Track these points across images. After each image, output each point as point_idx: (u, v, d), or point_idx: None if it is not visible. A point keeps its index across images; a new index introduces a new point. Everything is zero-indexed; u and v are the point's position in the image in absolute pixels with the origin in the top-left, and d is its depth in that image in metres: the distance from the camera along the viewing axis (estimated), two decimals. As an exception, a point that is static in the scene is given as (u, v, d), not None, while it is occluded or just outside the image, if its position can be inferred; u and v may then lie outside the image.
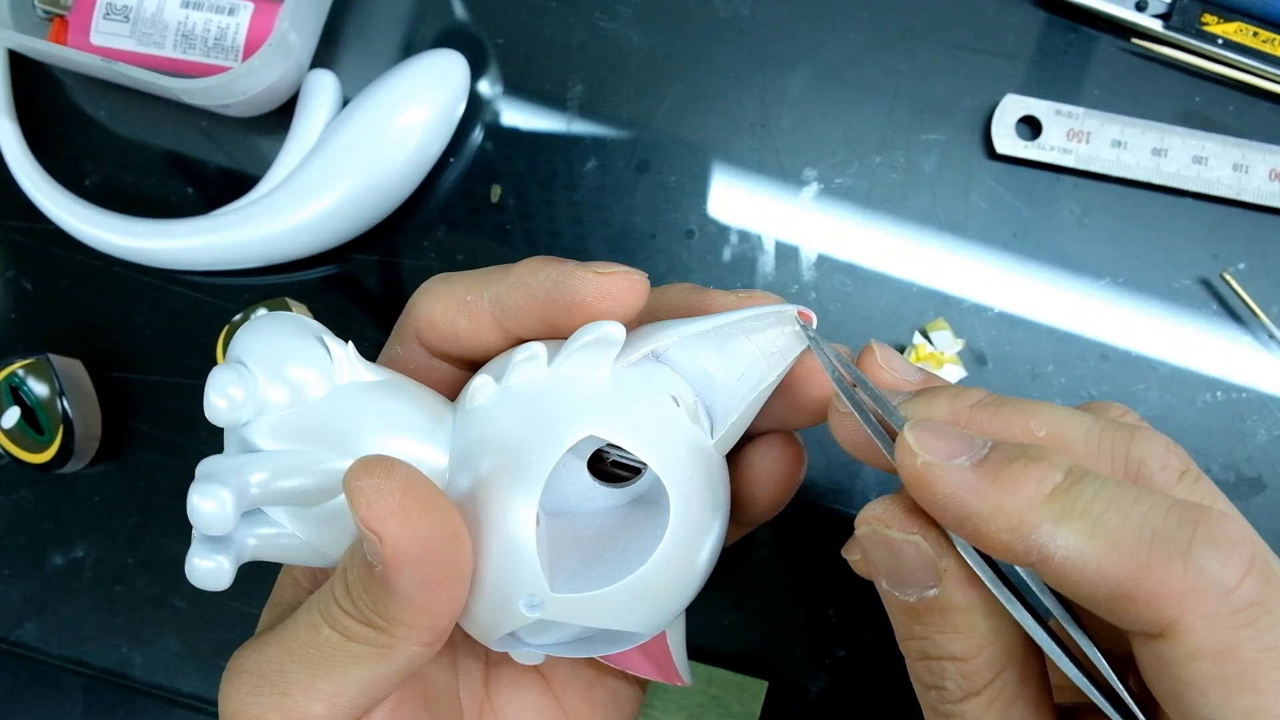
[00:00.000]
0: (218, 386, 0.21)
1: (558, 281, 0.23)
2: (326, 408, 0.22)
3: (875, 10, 0.38)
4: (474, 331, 0.24)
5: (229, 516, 0.20)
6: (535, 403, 0.22)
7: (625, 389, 0.22)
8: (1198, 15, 0.36)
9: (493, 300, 0.24)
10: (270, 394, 0.21)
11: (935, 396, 0.22)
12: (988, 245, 0.37)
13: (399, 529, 0.19)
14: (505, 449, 0.22)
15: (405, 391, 0.23)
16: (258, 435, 0.21)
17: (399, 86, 0.36)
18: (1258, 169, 0.36)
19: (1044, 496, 0.19)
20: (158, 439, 0.39)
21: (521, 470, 0.21)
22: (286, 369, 0.22)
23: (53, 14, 0.38)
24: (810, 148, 0.38)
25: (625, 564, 0.22)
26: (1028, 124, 0.37)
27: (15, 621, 0.39)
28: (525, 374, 0.22)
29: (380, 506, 0.19)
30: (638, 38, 0.39)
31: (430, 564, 0.20)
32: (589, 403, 0.22)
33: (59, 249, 0.39)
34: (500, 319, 0.24)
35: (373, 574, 0.20)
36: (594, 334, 0.22)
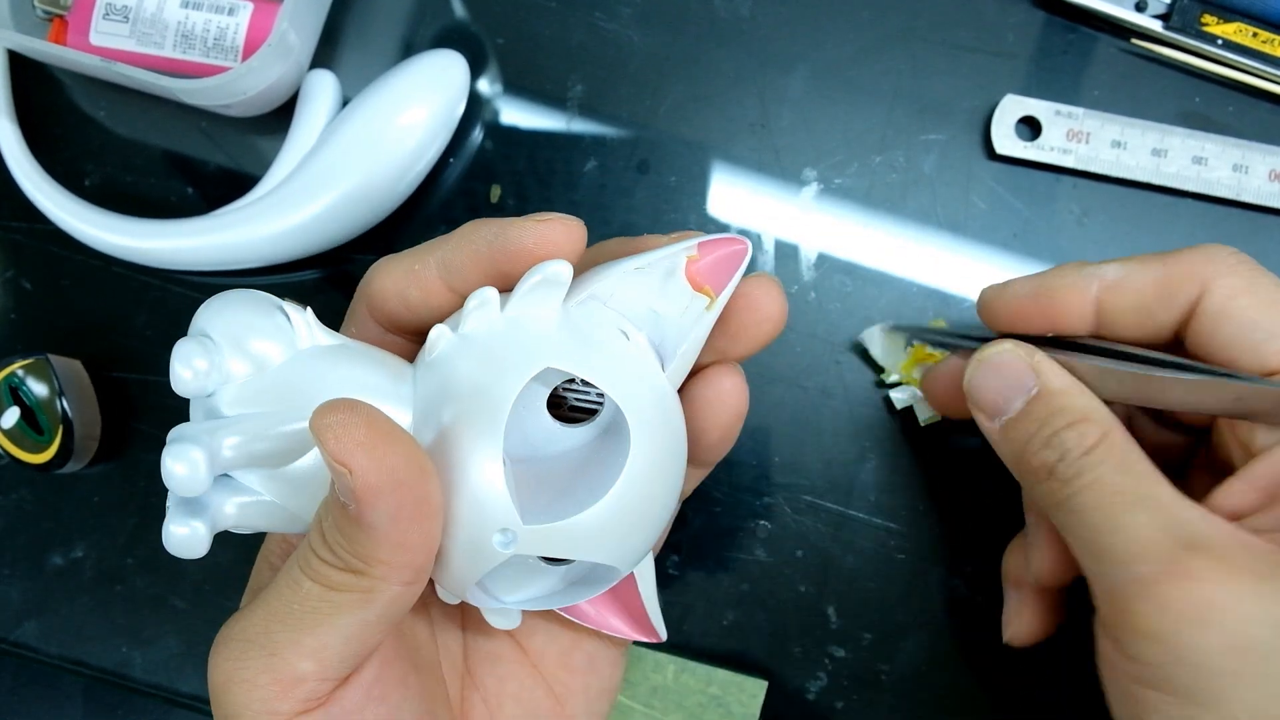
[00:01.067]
0: (183, 358, 0.21)
1: (499, 234, 0.24)
2: (289, 372, 0.22)
3: (875, 10, 0.38)
4: (424, 297, 0.25)
5: (202, 478, 0.20)
6: (491, 345, 0.23)
7: (576, 326, 0.23)
8: (1197, 16, 0.36)
9: (439, 264, 0.24)
10: (234, 364, 0.22)
11: None
12: (988, 245, 0.37)
13: (366, 458, 0.20)
14: (466, 394, 0.22)
15: (364, 353, 0.24)
16: (224, 404, 0.22)
17: (399, 86, 0.36)
18: (1258, 169, 0.36)
19: (1081, 266, 0.28)
20: (157, 439, 0.39)
21: (484, 411, 0.22)
22: (248, 338, 0.22)
23: (52, 14, 0.38)
24: (810, 148, 0.38)
25: (593, 495, 0.23)
26: (1027, 124, 0.37)
27: (15, 621, 0.39)
28: (479, 320, 0.23)
29: (347, 439, 0.20)
30: (638, 37, 0.39)
31: (401, 494, 0.20)
32: (542, 339, 0.23)
33: (58, 249, 0.39)
34: (448, 280, 0.24)
35: (346, 514, 0.20)
36: (541, 274, 0.23)
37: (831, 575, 0.36)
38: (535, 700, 0.27)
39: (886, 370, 0.36)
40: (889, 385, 0.36)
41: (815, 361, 0.37)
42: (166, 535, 0.21)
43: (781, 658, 0.36)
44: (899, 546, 0.36)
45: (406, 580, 0.21)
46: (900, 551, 0.36)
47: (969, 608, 0.36)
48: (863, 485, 0.36)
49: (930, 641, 0.36)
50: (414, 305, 0.25)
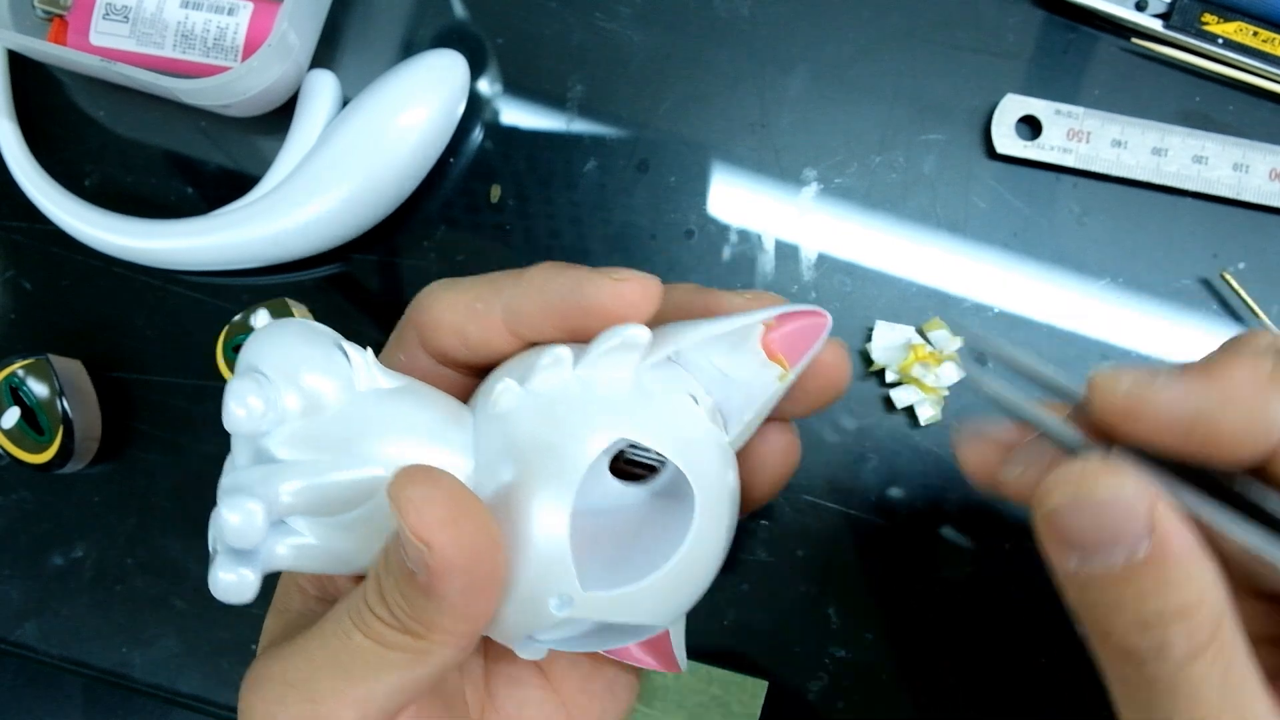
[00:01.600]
0: (237, 396, 0.20)
1: (574, 289, 0.23)
2: (348, 415, 0.22)
3: (875, 10, 0.38)
4: (484, 337, 0.24)
5: (259, 529, 0.20)
6: (563, 406, 0.22)
7: (649, 390, 0.23)
8: (1198, 15, 0.36)
9: (506, 308, 0.24)
10: (289, 402, 0.21)
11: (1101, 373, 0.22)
12: (988, 245, 0.37)
13: (447, 537, 0.19)
14: (534, 453, 0.22)
15: (424, 397, 0.23)
16: (277, 446, 0.21)
17: (399, 86, 0.36)
18: (1258, 168, 0.36)
19: (1267, 374, 0.19)
20: (157, 439, 0.39)
21: (554, 474, 0.21)
22: (305, 377, 0.21)
23: (52, 14, 0.38)
24: (810, 147, 0.38)
25: (650, 559, 0.22)
26: (1028, 124, 0.37)
27: (15, 622, 0.39)
28: (551, 379, 0.22)
29: (429, 515, 0.19)
30: (638, 37, 0.39)
31: (474, 570, 0.20)
32: (617, 406, 0.22)
33: (58, 249, 0.39)
34: (513, 325, 0.24)
35: (413, 580, 0.20)
36: (619, 338, 0.22)
37: (831, 575, 0.36)
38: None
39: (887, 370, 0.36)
40: (889, 385, 0.36)
41: (815, 361, 0.37)
42: (214, 582, 0.21)
43: (781, 658, 0.36)
44: (899, 546, 0.36)
45: (463, 646, 0.21)
46: (900, 551, 0.36)
47: (969, 607, 0.36)
48: (863, 485, 0.36)
49: (931, 642, 0.36)
50: (473, 344, 0.24)
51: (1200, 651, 0.19)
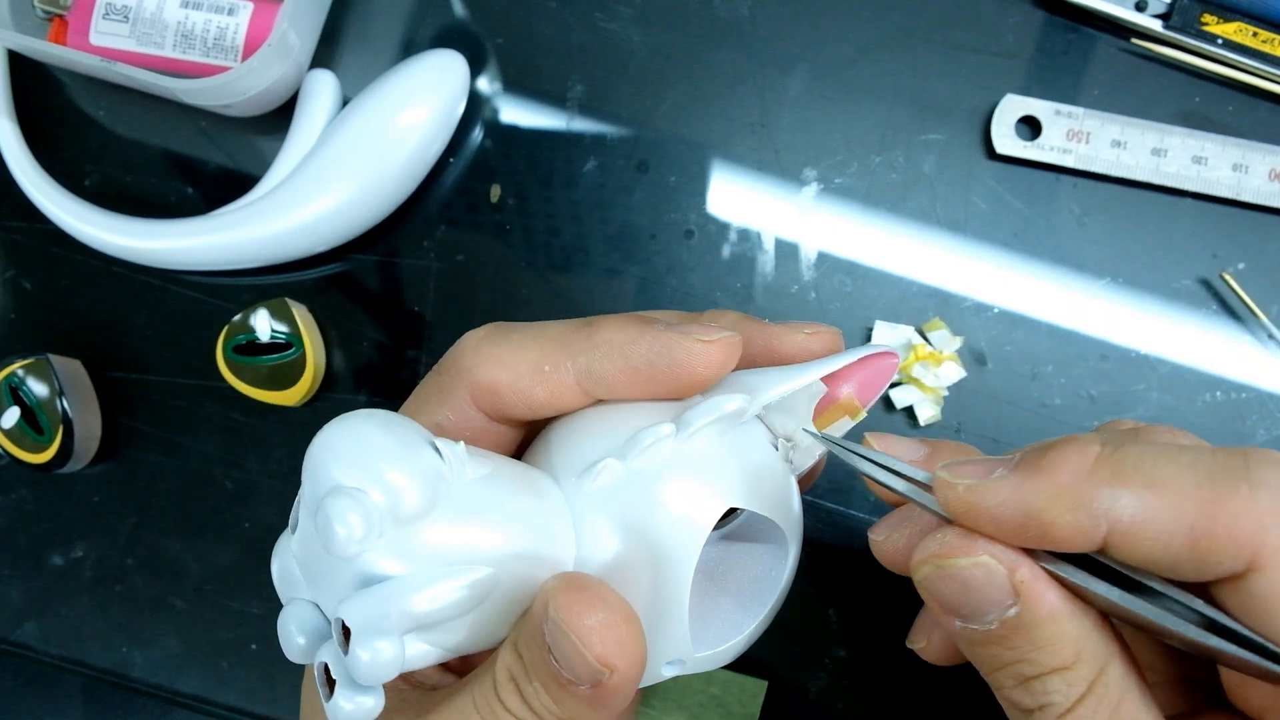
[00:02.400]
0: (338, 516, 0.19)
1: (663, 354, 0.22)
2: (450, 516, 0.20)
3: (875, 10, 0.38)
4: (552, 399, 0.23)
5: (391, 668, 0.19)
6: (670, 480, 0.22)
7: (742, 453, 0.23)
8: (1197, 15, 0.36)
9: (583, 371, 0.23)
10: (387, 513, 0.19)
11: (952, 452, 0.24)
12: (988, 245, 0.37)
13: (627, 660, 0.20)
14: (645, 527, 0.22)
15: (514, 480, 0.22)
16: (380, 559, 0.20)
17: (399, 86, 0.36)
18: (1257, 169, 0.36)
19: (1091, 466, 0.19)
20: (157, 439, 0.39)
21: (669, 552, 0.21)
22: (403, 483, 0.19)
23: (52, 14, 0.38)
24: (810, 147, 0.38)
25: (742, 607, 0.23)
26: (1027, 124, 0.37)
27: (15, 621, 0.39)
28: (655, 456, 0.22)
29: (612, 642, 0.20)
30: (638, 37, 0.39)
31: (639, 679, 0.21)
32: (719, 475, 0.22)
33: (58, 249, 0.39)
34: (590, 388, 0.23)
35: (568, 690, 0.20)
36: (720, 412, 0.22)
37: (831, 575, 0.36)
38: None
39: None
40: (889, 385, 0.36)
41: (815, 361, 0.37)
42: (335, 711, 0.19)
43: (781, 658, 0.36)
44: (899, 546, 0.36)
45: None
46: (900, 551, 0.36)
47: (969, 607, 0.36)
48: (863, 485, 0.36)
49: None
50: (538, 405, 0.24)
51: (1080, 702, 0.20)
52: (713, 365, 0.23)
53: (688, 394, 0.23)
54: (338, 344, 0.38)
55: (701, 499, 0.22)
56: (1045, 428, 0.36)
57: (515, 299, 0.38)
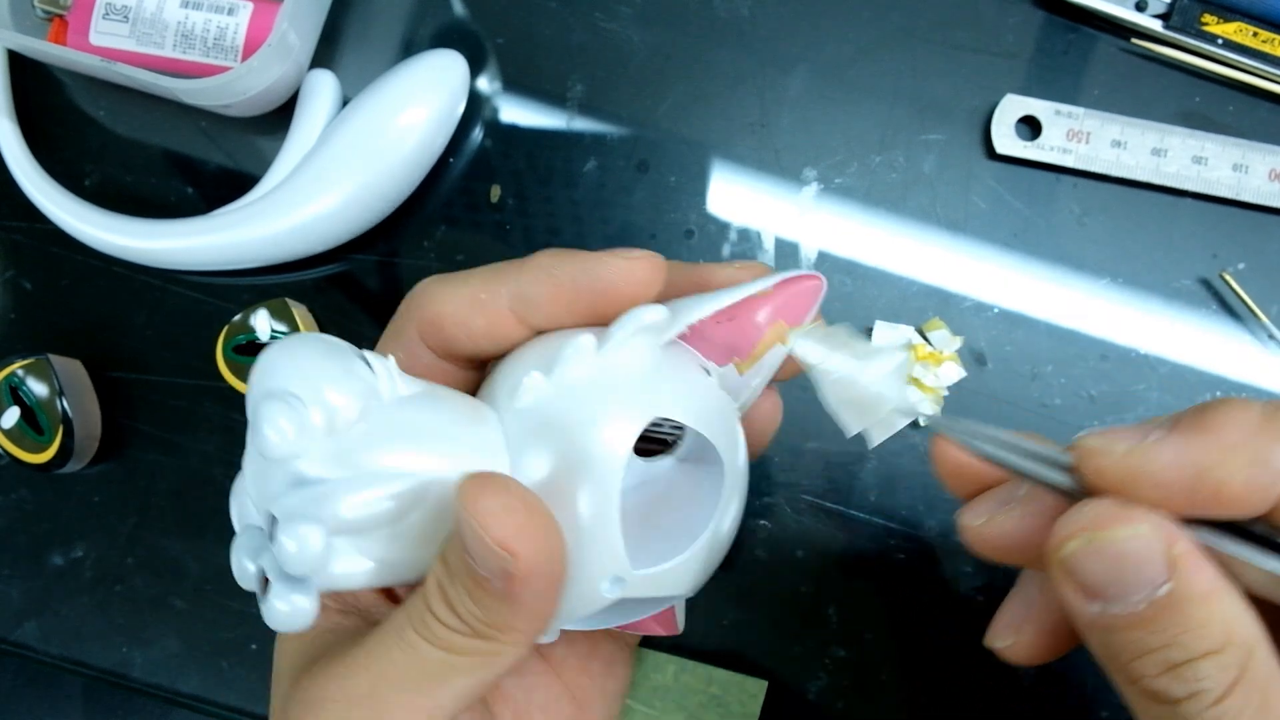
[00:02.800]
0: (270, 421, 0.20)
1: (585, 270, 0.23)
2: (378, 427, 0.21)
3: (875, 10, 0.38)
4: (490, 329, 0.24)
5: (317, 556, 0.20)
6: (593, 394, 0.22)
7: (668, 369, 0.23)
8: (1197, 15, 0.36)
9: (513, 296, 0.24)
10: (317, 419, 0.21)
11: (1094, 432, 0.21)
12: (988, 245, 0.37)
13: (531, 546, 0.20)
14: (572, 443, 0.22)
15: (446, 400, 0.23)
16: (310, 465, 0.21)
17: (399, 86, 0.36)
18: (1257, 169, 0.36)
19: (1259, 421, 0.18)
20: (157, 439, 0.39)
21: (596, 461, 0.22)
22: (330, 392, 0.21)
23: (52, 14, 0.38)
24: (810, 147, 0.38)
25: (684, 529, 0.23)
26: (1027, 124, 0.37)
27: (15, 621, 0.39)
28: (578, 368, 0.23)
29: (511, 525, 0.20)
30: (638, 37, 0.39)
31: (551, 572, 0.20)
32: (644, 386, 0.23)
33: (58, 249, 0.39)
34: (522, 313, 0.24)
35: (485, 587, 0.20)
36: (639, 321, 0.22)
37: (831, 575, 0.36)
38: (560, 708, 0.27)
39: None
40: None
41: (815, 361, 0.37)
42: (270, 612, 0.20)
43: (781, 658, 0.36)
44: (899, 546, 0.36)
45: (531, 644, 0.21)
46: (900, 551, 0.36)
47: (969, 607, 0.36)
48: (863, 485, 0.36)
49: (931, 641, 0.36)
50: (477, 335, 0.24)
51: (1233, 688, 0.19)
52: (635, 281, 0.23)
53: (616, 314, 0.23)
54: (338, 344, 0.38)
55: (624, 408, 0.22)
56: (1046, 428, 0.36)
57: (515, 299, 0.38)
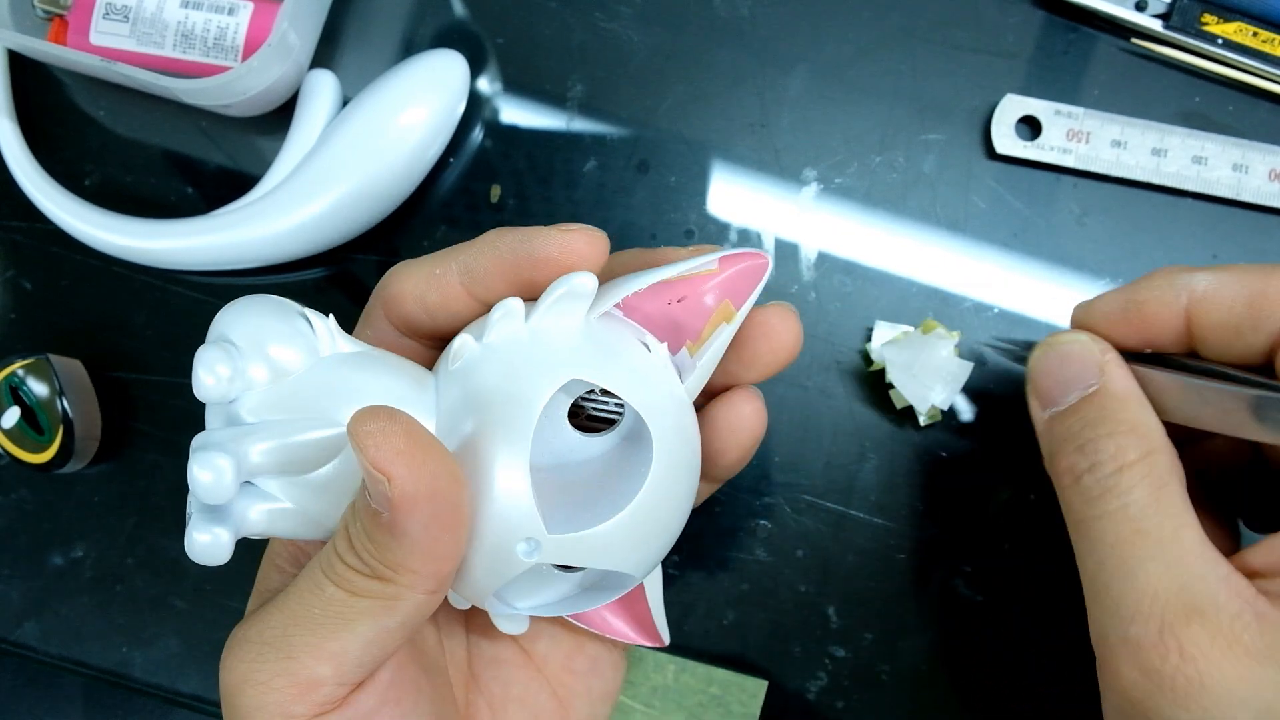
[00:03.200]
0: (206, 364, 0.21)
1: (524, 241, 0.24)
2: (312, 379, 0.22)
3: (875, 10, 0.38)
4: (444, 302, 0.25)
5: (229, 485, 0.20)
6: (517, 355, 0.23)
7: (599, 338, 0.23)
8: (1197, 15, 0.36)
9: (461, 269, 0.24)
10: (255, 370, 0.22)
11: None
12: (988, 245, 0.37)
13: (406, 468, 0.20)
14: (492, 403, 0.22)
15: (386, 360, 0.24)
16: (245, 411, 0.22)
17: (399, 86, 0.36)
18: (1257, 169, 0.36)
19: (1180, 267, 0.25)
20: (158, 439, 0.39)
21: (510, 420, 0.22)
22: (270, 344, 0.22)
23: (52, 14, 0.38)
24: (810, 147, 0.38)
25: (615, 504, 0.23)
26: (1027, 124, 0.37)
27: (15, 621, 0.39)
28: (504, 330, 0.23)
29: (387, 448, 0.20)
30: (638, 37, 0.39)
31: (436, 503, 0.20)
32: (568, 350, 0.23)
33: (58, 249, 0.39)
34: (470, 286, 0.25)
35: (378, 521, 0.20)
36: (566, 285, 0.23)
37: (831, 575, 0.36)
38: (539, 704, 0.27)
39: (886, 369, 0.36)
40: (889, 385, 0.36)
41: (815, 361, 0.37)
42: (189, 543, 0.21)
43: (781, 658, 0.36)
44: (899, 546, 0.36)
45: (431, 589, 0.21)
46: (900, 551, 0.36)
47: (969, 607, 0.36)
48: (863, 485, 0.36)
49: (930, 641, 0.36)
50: (433, 310, 0.25)
51: (1129, 466, 0.23)
52: (572, 252, 0.24)
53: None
54: (338, 344, 0.38)
55: (542, 368, 0.22)
56: (1045, 428, 0.36)
57: (515, 299, 0.38)
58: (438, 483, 0.20)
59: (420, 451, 0.20)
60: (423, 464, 0.20)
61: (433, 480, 0.20)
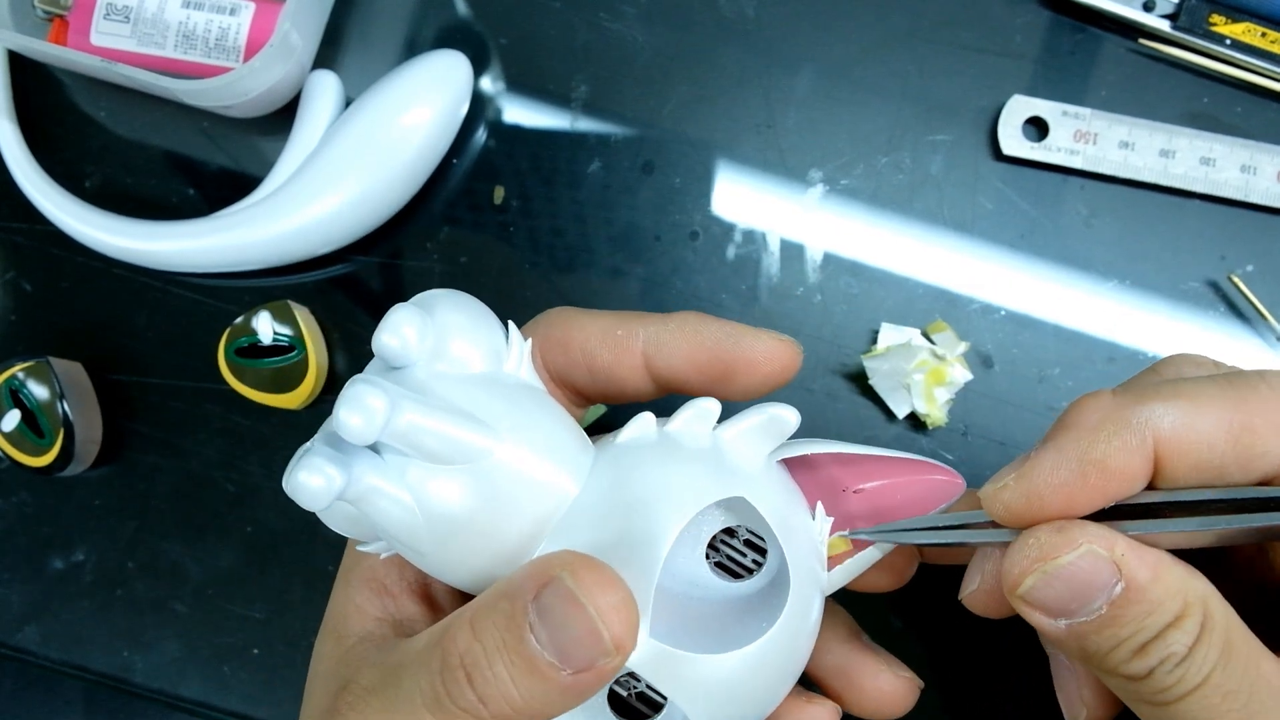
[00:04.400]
0: (398, 319, 0.21)
1: (730, 336, 0.23)
2: (487, 386, 0.22)
3: (881, 10, 0.38)
4: (614, 364, 0.24)
5: (376, 427, 0.19)
6: (696, 458, 0.22)
7: (778, 479, 0.23)
8: (1205, 16, 0.36)
9: (649, 339, 0.24)
10: (439, 347, 0.22)
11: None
12: (995, 246, 0.37)
13: (632, 645, 0.20)
14: (648, 501, 0.21)
15: (559, 411, 0.23)
16: (412, 379, 0.21)
17: (402, 87, 0.36)
18: (1266, 170, 0.36)
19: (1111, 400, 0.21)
20: (158, 441, 0.38)
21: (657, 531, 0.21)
22: (464, 335, 0.22)
23: (53, 14, 0.38)
24: (816, 148, 0.38)
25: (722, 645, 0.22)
26: (1034, 125, 0.37)
27: (15, 626, 0.38)
28: (692, 429, 0.23)
29: (628, 624, 0.20)
30: (642, 37, 0.38)
31: (601, 682, 0.20)
32: (744, 472, 0.22)
33: (59, 250, 0.39)
34: (653, 356, 0.24)
35: (541, 675, 0.20)
36: (768, 415, 0.22)
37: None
38: None
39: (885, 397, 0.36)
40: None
41: (821, 364, 0.36)
42: (296, 478, 0.20)
43: (787, 662, 0.36)
44: (906, 550, 0.36)
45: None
46: (907, 555, 0.36)
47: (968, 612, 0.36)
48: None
49: (931, 642, 0.36)
50: (598, 369, 0.24)
51: (1196, 644, 0.20)
52: (773, 359, 0.23)
53: (741, 389, 0.24)
54: (340, 346, 0.38)
55: (719, 475, 0.22)
56: (1053, 430, 0.36)
57: (519, 301, 0.38)
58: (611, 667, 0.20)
59: (635, 623, 0.20)
60: (634, 636, 0.20)
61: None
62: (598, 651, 0.19)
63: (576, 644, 0.19)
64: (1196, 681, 0.20)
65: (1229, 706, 0.20)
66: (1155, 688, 0.21)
